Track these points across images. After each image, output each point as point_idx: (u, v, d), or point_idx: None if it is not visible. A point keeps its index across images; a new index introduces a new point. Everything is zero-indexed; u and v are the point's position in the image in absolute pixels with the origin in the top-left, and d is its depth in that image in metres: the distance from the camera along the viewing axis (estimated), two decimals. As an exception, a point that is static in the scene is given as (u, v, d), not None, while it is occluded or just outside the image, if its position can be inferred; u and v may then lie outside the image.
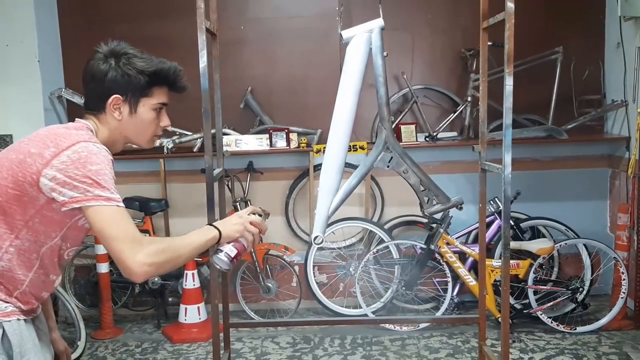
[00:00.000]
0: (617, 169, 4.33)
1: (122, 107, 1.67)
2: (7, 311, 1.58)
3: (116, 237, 1.47)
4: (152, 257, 1.49)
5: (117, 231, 1.48)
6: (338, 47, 4.33)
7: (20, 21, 4.16)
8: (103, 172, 1.50)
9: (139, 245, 1.48)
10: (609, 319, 3.92)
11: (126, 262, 1.47)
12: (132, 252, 1.47)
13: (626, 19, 4.04)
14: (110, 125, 1.68)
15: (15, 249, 1.55)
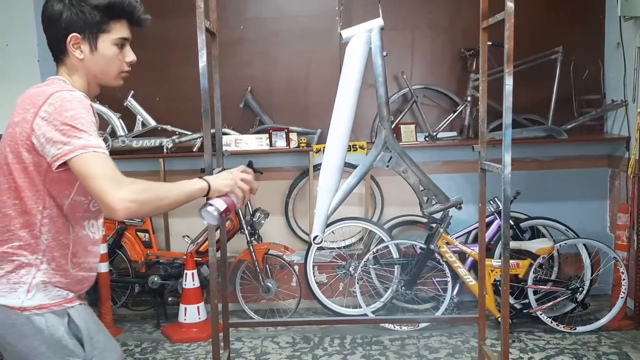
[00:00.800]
0: (617, 169, 4.33)
1: (82, 46, 1.66)
2: (69, 297, 1.63)
3: (95, 176, 1.46)
4: (134, 194, 1.47)
5: (97, 170, 1.47)
6: (338, 47, 4.33)
7: (20, 21, 4.16)
8: (79, 115, 1.51)
9: (120, 183, 1.47)
10: (608, 319, 3.92)
11: (107, 198, 1.45)
12: (112, 189, 1.45)
13: (626, 18, 4.04)
14: (78, 68, 1.68)
15: (49, 219, 1.59)
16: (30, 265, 1.58)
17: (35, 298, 1.57)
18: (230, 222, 4.12)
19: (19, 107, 1.61)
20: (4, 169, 1.59)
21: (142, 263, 4.30)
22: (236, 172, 1.77)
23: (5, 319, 1.56)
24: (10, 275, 1.58)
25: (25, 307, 1.56)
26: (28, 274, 1.58)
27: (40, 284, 1.58)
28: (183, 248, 4.29)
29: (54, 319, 1.58)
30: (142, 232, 4.36)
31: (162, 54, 4.41)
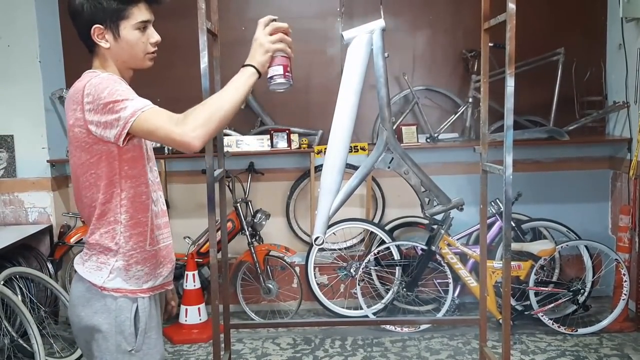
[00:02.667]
0: (619, 171, 4.33)
1: (107, 35, 1.73)
2: (144, 288, 1.75)
3: (156, 128, 1.57)
4: (194, 122, 1.56)
5: (154, 123, 1.57)
6: (339, 48, 4.33)
7: (22, 22, 4.16)
8: (113, 89, 1.59)
9: (178, 121, 1.57)
10: (610, 321, 3.91)
11: (178, 139, 1.55)
12: (178, 129, 1.55)
13: (628, 20, 4.04)
14: (107, 57, 1.76)
15: (127, 200, 1.70)
16: (112, 250, 1.71)
17: (115, 281, 1.71)
18: (231, 223, 4.13)
19: (68, 110, 1.68)
20: (84, 168, 1.69)
21: (143, 264, 4.29)
22: (262, 35, 1.80)
23: (86, 292, 1.72)
24: (99, 255, 1.72)
25: (105, 287, 1.70)
26: (112, 257, 1.71)
27: (122, 269, 1.72)
28: (184, 249, 4.29)
29: (124, 303, 1.71)
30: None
31: (164, 55, 4.36)
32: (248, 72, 1.71)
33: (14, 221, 4.30)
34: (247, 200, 4.26)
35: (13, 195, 4.30)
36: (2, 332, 3.44)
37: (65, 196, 4.53)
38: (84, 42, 1.79)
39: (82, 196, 1.72)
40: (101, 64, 1.77)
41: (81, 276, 1.73)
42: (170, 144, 1.61)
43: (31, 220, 4.31)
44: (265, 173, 4.46)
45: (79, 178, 1.71)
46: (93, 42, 1.76)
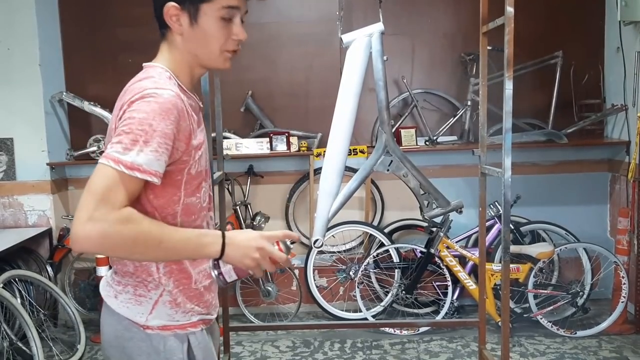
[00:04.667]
0: (617, 173, 4.33)
1: (181, 18, 1.39)
2: (194, 321, 1.47)
3: (87, 190, 1.22)
4: (111, 224, 1.19)
5: (93, 184, 1.22)
6: (338, 51, 4.35)
7: (22, 25, 4.17)
8: (145, 122, 1.25)
9: (108, 205, 1.20)
10: (609, 323, 3.92)
11: (75, 222, 1.20)
12: (92, 209, 1.19)
13: (626, 23, 4.05)
14: (178, 45, 1.43)
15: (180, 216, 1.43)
16: (153, 281, 1.43)
17: (159, 317, 1.43)
18: (230, 226, 4.13)
19: (116, 107, 1.39)
20: None
21: (142, 267, 4.29)
22: (268, 248, 1.37)
23: (126, 330, 1.43)
24: (136, 287, 1.43)
25: (147, 325, 1.42)
26: (154, 289, 1.43)
27: (167, 303, 1.43)
28: (183, 252, 4.28)
29: (174, 342, 1.43)
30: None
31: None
32: (212, 249, 1.33)
33: (13, 224, 4.31)
34: (247, 203, 4.26)
35: (12, 198, 4.30)
36: (2, 335, 3.43)
37: (65, 199, 4.53)
38: (158, 21, 1.44)
39: None
40: (169, 53, 1.44)
41: (114, 311, 1.44)
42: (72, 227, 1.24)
43: (31, 223, 4.32)
44: (264, 176, 4.46)
45: None
46: (164, 24, 1.41)
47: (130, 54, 4.44)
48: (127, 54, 4.44)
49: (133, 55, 4.46)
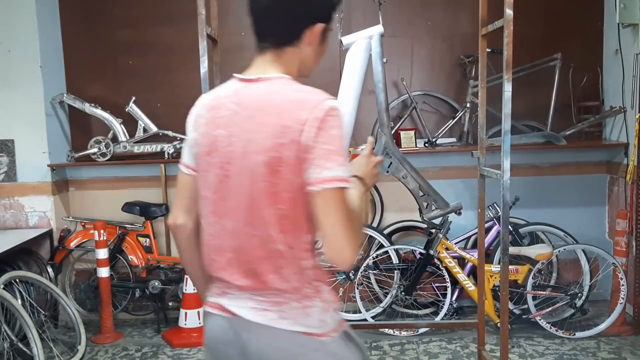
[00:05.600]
0: (616, 175, 4.35)
1: (321, 36, 1.44)
2: (341, 317, 1.50)
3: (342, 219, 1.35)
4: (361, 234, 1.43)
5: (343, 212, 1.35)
6: (338, 53, 4.35)
7: (22, 27, 4.18)
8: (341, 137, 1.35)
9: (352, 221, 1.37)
10: (607, 325, 3.92)
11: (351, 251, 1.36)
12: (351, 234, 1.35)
13: (624, 25, 4.07)
14: (295, 62, 1.45)
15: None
16: (315, 289, 1.44)
17: (328, 321, 1.43)
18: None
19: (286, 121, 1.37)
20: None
21: (142, 268, 4.31)
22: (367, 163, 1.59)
23: (301, 347, 1.40)
24: (302, 300, 1.42)
25: (323, 332, 1.41)
26: (316, 296, 1.43)
27: (327, 305, 1.45)
28: (183, 253, 4.29)
29: (341, 341, 1.45)
30: (143, 237, 4.37)
31: (164, 60, 4.44)
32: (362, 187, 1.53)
33: (14, 225, 4.31)
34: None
35: (13, 200, 4.31)
36: (2, 336, 3.44)
37: (66, 200, 4.54)
38: (281, 31, 1.41)
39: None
40: (288, 64, 1.44)
41: (285, 331, 1.40)
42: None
43: (31, 224, 4.33)
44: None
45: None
46: (296, 39, 1.41)
47: (131, 56, 4.45)
48: (127, 55, 4.45)
49: (134, 57, 4.47)
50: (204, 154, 1.44)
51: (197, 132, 1.47)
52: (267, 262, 1.39)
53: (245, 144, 1.36)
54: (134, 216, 4.38)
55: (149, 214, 4.34)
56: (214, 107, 1.44)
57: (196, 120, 1.48)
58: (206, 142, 1.43)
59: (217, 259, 1.46)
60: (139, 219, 4.38)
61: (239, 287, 1.43)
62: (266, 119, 1.34)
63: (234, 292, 1.45)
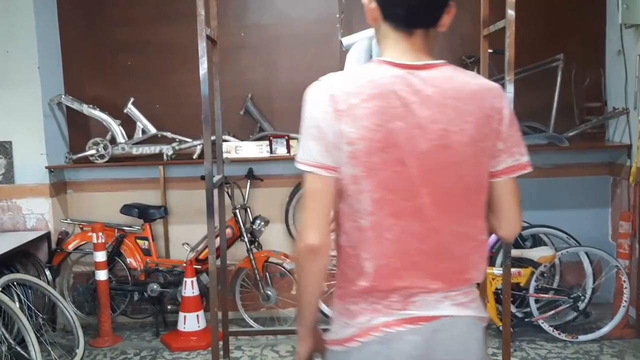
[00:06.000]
0: (619, 177, 4.32)
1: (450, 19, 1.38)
2: None
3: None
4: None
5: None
6: (338, 54, 4.33)
7: (21, 27, 4.16)
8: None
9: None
10: (610, 328, 3.90)
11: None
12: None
13: (627, 26, 4.04)
14: (431, 44, 1.39)
15: None
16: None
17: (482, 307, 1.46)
18: (230, 229, 4.11)
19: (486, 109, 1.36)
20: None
21: (141, 271, 4.28)
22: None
23: (482, 334, 1.43)
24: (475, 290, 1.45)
25: (484, 317, 1.45)
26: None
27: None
28: (183, 256, 4.27)
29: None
30: (141, 239, 4.34)
31: (163, 61, 4.41)
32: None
33: (12, 227, 4.29)
34: (246, 207, 4.25)
35: (11, 202, 4.28)
36: (0, 339, 3.42)
37: (64, 202, 4.51)
38: (431, 18, 1.35)
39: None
40: (431, 53, 1.39)
41: (478, 319, 1.42)
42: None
43: (29, 226, 4.30)
44: (264, 179, 4.45)
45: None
46: (436, 24, 1.35)
47: (130, 57, 4.42)
48: (126, 56, 4.43)
49: (132, 57, 4.45)
50: (377, 150, 1.27)
51: (353, 125, 1.27)
52: (471, 257, 1.37)
53: (441, 135, 1.29)
54: (132, 218, 4.35)
55: (148, 216, 4.31)
56: (377, 95, 1.27)
57: (348, 111, 1.27)
58: (378, 136, 1.27)
59: (398, 266, 1.32)
60: (138, 222, 4.35)
61: (428, 290, 1.35)
62: (467, 108, 1.30)
63: (421, 298, 1.35)
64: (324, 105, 1.30)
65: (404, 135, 1.27)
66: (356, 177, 1.29)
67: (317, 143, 1.29)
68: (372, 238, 1.31)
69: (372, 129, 1.26)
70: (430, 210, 1.31)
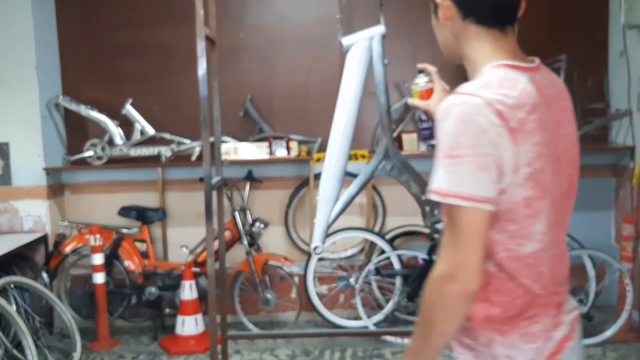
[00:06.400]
0: (622, 179, 4.28)
1: None
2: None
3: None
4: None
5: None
6: (338, 54, 4.29)
7: (18, 28, 4.13)
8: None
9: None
10: (614, 331, 3.86)
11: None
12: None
13: (630, 27, 4.01)
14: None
15: None
16: None
17: None
18: (229, 232, 4.08)
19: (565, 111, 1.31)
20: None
21: (139, 274, 4.24)
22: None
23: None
24: None
25: None
26: None
27: None
28: (181, 258, 4.24)
29: None
30: (139, 242, 4.30)
31: (161, 62, 4.39)
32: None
33: (8, 230, 4.25)
34: (245, 209, 4.21)
35: (8, 204, 4.25)
36: (-4, 342, 3.39)
37: (61, 204, 4.48)
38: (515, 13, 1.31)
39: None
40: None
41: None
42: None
43: (26, 229, 4.26)
44: (263, 181, 4.41)
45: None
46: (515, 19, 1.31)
47: (128, 58, 4.39)
48: (124, 57, 4.40)
49: (130, 58, 4.42)
50: (547, 166, 1.18)
51: (528, 143, 1.15)
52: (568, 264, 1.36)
53: (570, 140, 1.27)
54: (130, 221, 4.32)
55: (146, 219, 4.28)
56: (535, 105, 1.17)
57: (520, 128, 1.14)
58: (546, 150, 1.18)
59: (549, 281, 1.26)
60: (136, 224, 4.32)
61: (565, 306, 1.32)
62: (569, 110, 1.31)
63: (563, 315, 1.30)
64: (495, 126, 1.12)
65: (560, 144, 1.22)
66: (529, 200, 1.17)
67: (489, 173, 1.12)
68: (538, 260, 1.23)
69: (543, 143, 1.17)
70: (565, 218, 1.31)
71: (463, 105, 1.14)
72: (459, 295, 1.18)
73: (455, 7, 1.28)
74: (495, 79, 1.19)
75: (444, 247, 1.20)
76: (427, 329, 1.30)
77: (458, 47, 1.32)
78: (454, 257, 1.17)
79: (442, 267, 1.19)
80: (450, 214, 1.16)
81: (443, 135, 1.15)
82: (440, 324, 1.26)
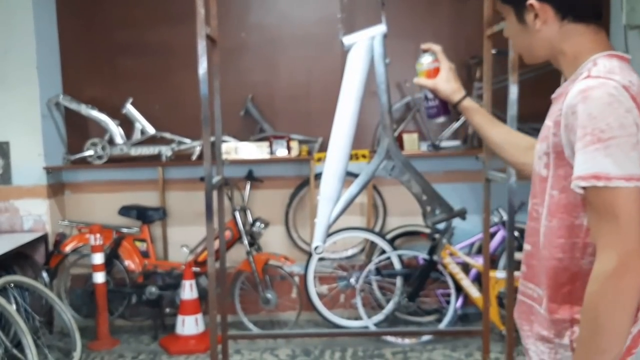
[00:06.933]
0: None
1: None
2: None
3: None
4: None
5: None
6: (339, 54, 4.29)
7: (19, 28, 4.13)
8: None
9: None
10: None
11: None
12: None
13: (631, 28, 4.00)
14: None
15: None
16: None
17: None
18: (229, 231, 4.07)
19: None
20: None
21: (139, 273, 4.24)
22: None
23: None
24: None
25: None
26: None
27: None
28: (181, 258, 4.23)
29: None
30: (140, 241, 4.30)
31: (162, 61, 4.38)
32: None
33: (9, 229, 4.25)
34: (246, 208, 4.21)
35: (8, 203, 4.25)
36: (-4, 342, 3.39)
37: (61, 204, 4.48)
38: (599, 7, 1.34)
39: None
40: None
41: None
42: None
43: (26, 228, 4.26)
44: (264, 180, 4.41)
45: None
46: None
47: (129, 57, 4.39)
48: (125, 56, 4.40)
49: (131, 58, 4.42)
50: None
51: None
52: None
53: None
54: (130, 220, 4.32)
55: (147, 218, 4.28)
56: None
57: None
58: None
59: None
60: (136, 223, 4.32)
61: None
62: None
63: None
64: (634, 108, 1.15)
65: None
66: None
67: (639, 152, 1.13)
68: None
69: None
70: None
71: (604, 87, 1.15)
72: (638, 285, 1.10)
73: (553, 10, 1.29)
74: (615, 67, 1.22)
75: (603, 239, 1.13)
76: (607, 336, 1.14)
77: (551, 48, 1.33)
78: (622, 246, 1.10)
79: (610, 262, 1.11)
80: (608, 199, 1.11)
81: (587, 119, 1.14)
82: (622, 325, 1.13)
